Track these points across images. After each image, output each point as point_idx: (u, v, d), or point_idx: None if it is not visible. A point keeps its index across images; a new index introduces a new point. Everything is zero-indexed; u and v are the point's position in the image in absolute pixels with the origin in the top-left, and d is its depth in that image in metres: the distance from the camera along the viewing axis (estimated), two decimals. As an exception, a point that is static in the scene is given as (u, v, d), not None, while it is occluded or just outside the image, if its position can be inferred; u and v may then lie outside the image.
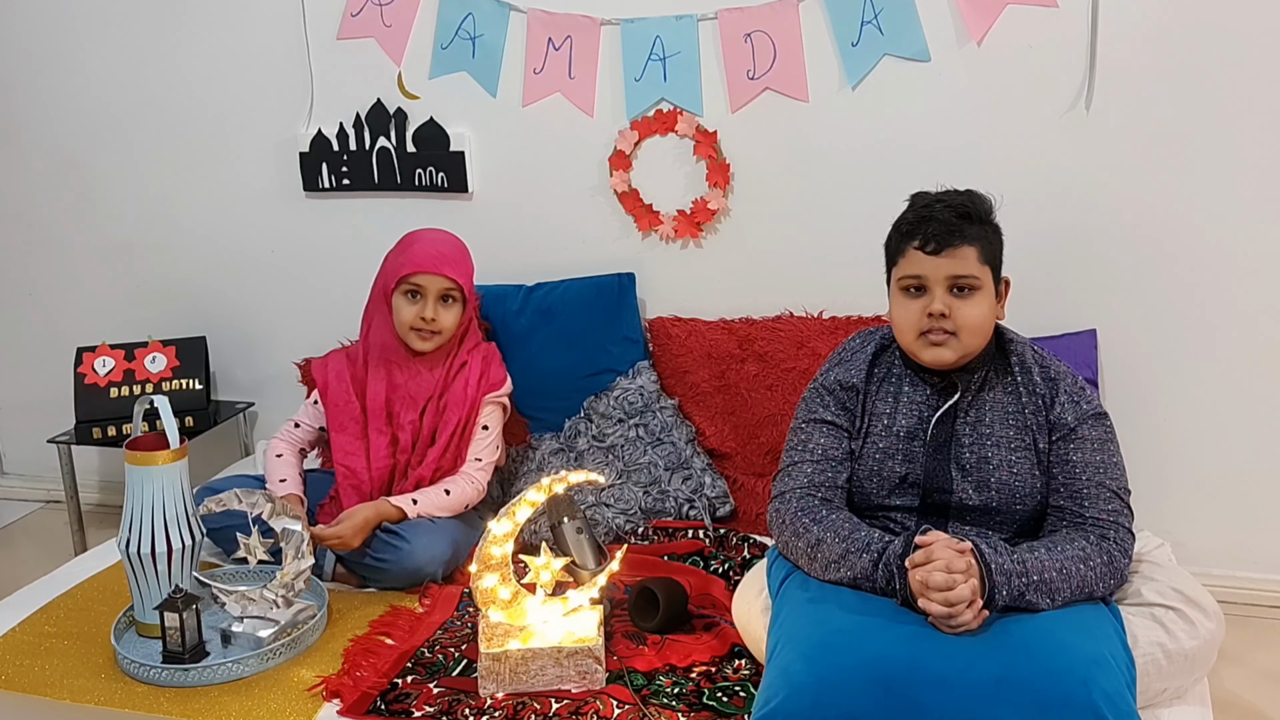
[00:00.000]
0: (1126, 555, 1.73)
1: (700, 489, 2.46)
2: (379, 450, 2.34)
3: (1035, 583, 1.63)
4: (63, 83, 3.10)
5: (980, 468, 1.81)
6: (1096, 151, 2.41)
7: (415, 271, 2.31)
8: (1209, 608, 1.72)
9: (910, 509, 1.86)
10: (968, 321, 1.78)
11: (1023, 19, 2.39)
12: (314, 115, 2.90)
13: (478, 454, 2.36)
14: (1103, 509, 1.74)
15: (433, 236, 2.39)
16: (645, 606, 2.00)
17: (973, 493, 1.81)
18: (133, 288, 3.21)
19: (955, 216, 1.77)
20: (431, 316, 2.31)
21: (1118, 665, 1.55)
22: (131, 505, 1.97)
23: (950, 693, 1.50)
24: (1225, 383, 2.46)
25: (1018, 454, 1.81)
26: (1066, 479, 1.78)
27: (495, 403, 2.42)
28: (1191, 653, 1.68)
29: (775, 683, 1.57)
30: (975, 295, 1.78)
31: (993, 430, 1.82)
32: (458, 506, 2.29)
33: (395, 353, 2.37)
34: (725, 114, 2.62)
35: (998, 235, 1.84)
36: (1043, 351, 1.88)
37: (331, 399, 2.39)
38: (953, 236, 1.77)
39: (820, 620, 1.65)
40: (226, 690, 1.85)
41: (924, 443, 1.84)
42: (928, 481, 1.84)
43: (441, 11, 2.73)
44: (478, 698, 1.81)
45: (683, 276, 2.74)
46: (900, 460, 1.85)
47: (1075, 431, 1.79)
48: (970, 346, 1.80)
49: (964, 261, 1.77)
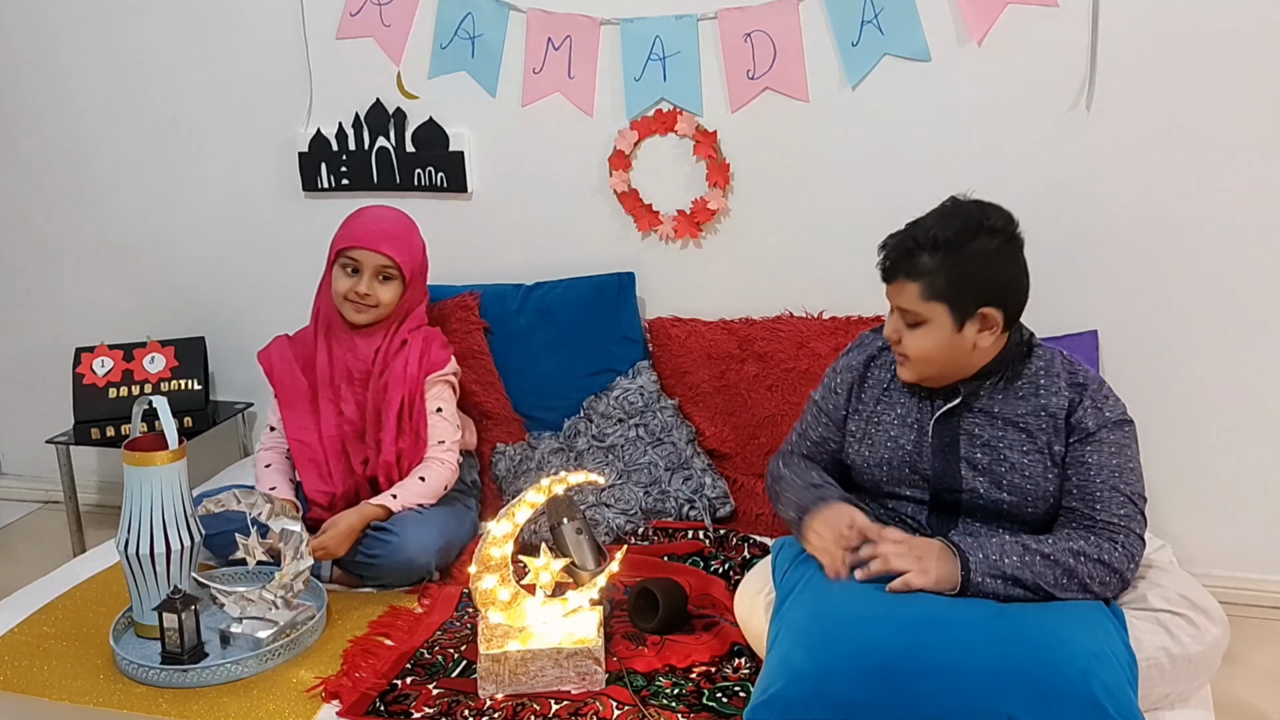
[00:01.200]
0: (1132, 560, 1.72)
1: (700, 489, 2.46)
2: (328, 420, 2.35)
3: (1015, 564, 1.65)
4: (60, 82, 3.10)
5: (992, 469, 1.81)
6: (1097, 152, 2.41)
7: (352, 246, 2.33)
8: (1215, 613, 1.71)
9: (921, 502, 1.87)
10: (914, 351, 1.78)
11: (1024, 19, 2.38)
12: (313, 115, 2.90)
13: (439, 437, 2.36)
14: (1114, 512, 1.73)
15: (377, 213, 2.41)
16: (645, 607, 2.00)
17: (984, 491, 1.81)
18: (131, 288, 3.21)
19: (907, 248, 1.75)
20: (366, 291, 2.32)
21: (1118, 661, 1.55)
22: (130, 506, 1.97)
23: (949, 681, 1.51)
24: (1226, 383, 2.46)
25: (1030, 457, 1.80)
26: (1080, 480, 1.77)
27: (441, 381, 2.40)
28: (1196, 657, 1.67)
29: (774, 670, 1.58)
30: (921, 328, 1.77)
31: (1005, 434, 1.82)
32: (437, 489, 2.30)
33: (335, 325, 2.39)
34: (725, 114, 2.61)
35: (976, 262, 1.72)
36: (1075, 360, 1.87)
37: (278, 378, 2.41)
38: (895, 270, 1.77)
39: (820, 610, 1.66)
40: (225, 691, 1.85)
41: (929, 441, 1.85)
42: (936, 479, 1.85)
43: (441, 11, 2.73)
44: (477, 699, 1.81)
45: (682, 276, 2.74)
46: (910, 450, 1.87)
47: (1094, 435, 1.78)
48: (925, 372, 1.81)
49: (904, 295, 1.77)
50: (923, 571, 1.67)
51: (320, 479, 2.34)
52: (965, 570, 1.66)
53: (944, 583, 1.66)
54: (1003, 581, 1.66)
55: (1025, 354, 1.84)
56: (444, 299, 2.70)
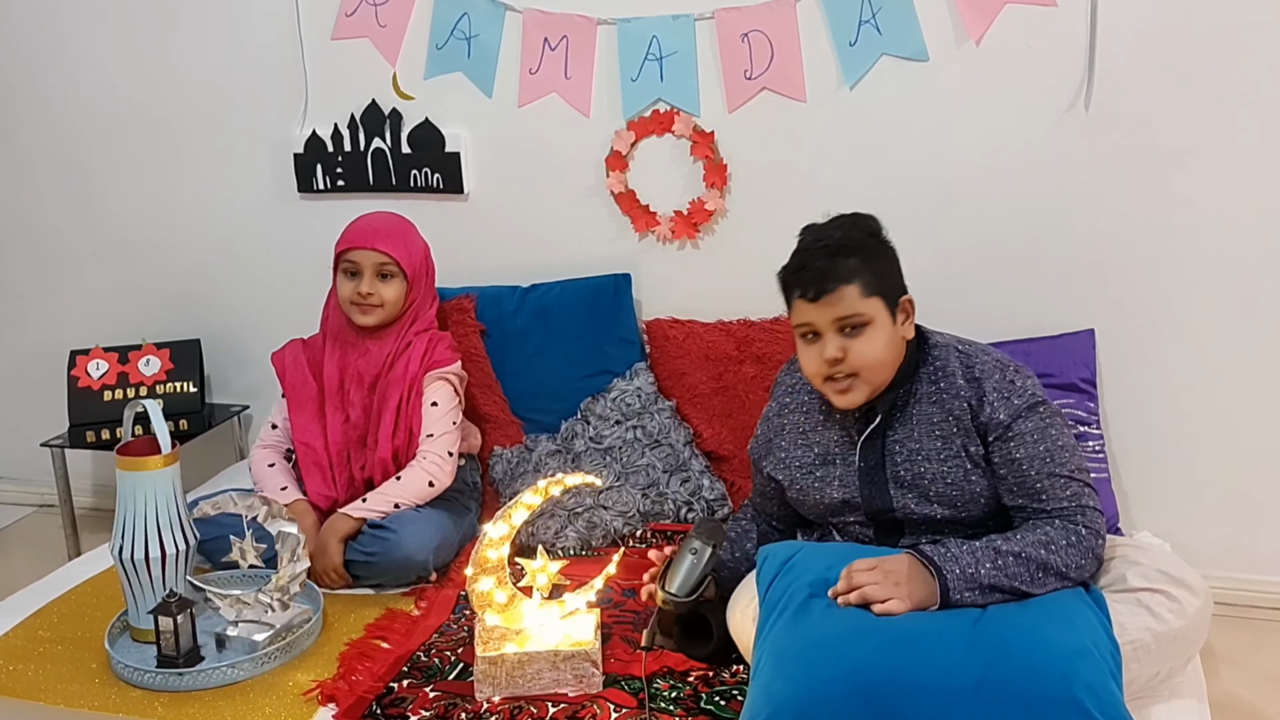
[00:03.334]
0: (1098, 535, 1.71)
1: (699, 491, 2.45)
2: (334, 427, 2.37)
3: (989, 571, 1.64)
4: (55, 83, 3.09)
5: (916, 484, 1.81)
6: (1095, 151, 2.41)
7: (349, 247, 2.36)
8: (1194, 585, 1.70)
9: (864, 524, 1.88)
10: (864, 360, 1.76)
11: (1021, 18, 2.38)
12: (308, 116, 2.89)
13: (429, 430, 2.34)
14: (1060, 497, 1.72)
15: (371, 216, 2.46)
16: (696, 632, 1.90)
17: (914, 508, 1.81)
18: (126, 290, 3.19)
19: (829, 256, 1.75)
20: (367, 291, 2.33)
21: (1100, 654, 1.54)
22: (124, 511, 1.96)
23: (931, 701, 1.50)
24: (1224, 382, 2.45)
25: (949, 464, 1.79)
26: (1016, 479, 1.75)
27: (441, 378, 2.40)
28: (1179, 632, 1.66)
29: (758, 701, 1.57)
30: (866, 330, 1.76)
31: (921, 445, 1.81)
32: (418, 486, 2.27)
33: (346, 331, 2.41)
34: (722, 114, 2.61)
35: (883, 258, 1.80)
36: (969, 350, 1.84)
37: (289, 382, 2.42)
38: (828, 280, 1.75)
39: (800, 632, 1.64)
40: (221, 695, 1.84)
41: (855, 468, 1.85)
42: (868, 504, 1.85)
43: (436, 11, 2.72)
44: (474, 702, 1.80)
45: (680, 278, 2.73)
46: (836, 486, 1.87)
47: (1011, 429, 1.75)
48: (876, 381, 1.79)
49: (845, 302, 1.75)
50: (903, 597, 1.63)
51: (324, 483, 2.35)
52: (944, 588, 1.64)
53: (924, 603, 1.64)
54: (980, 591, 1.64)
55: (921, 353, 1.85)
56: (440, 302, 2.68)
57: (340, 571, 2.18)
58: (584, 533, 2.35)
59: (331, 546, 2.17)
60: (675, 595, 1.81)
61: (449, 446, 2.34)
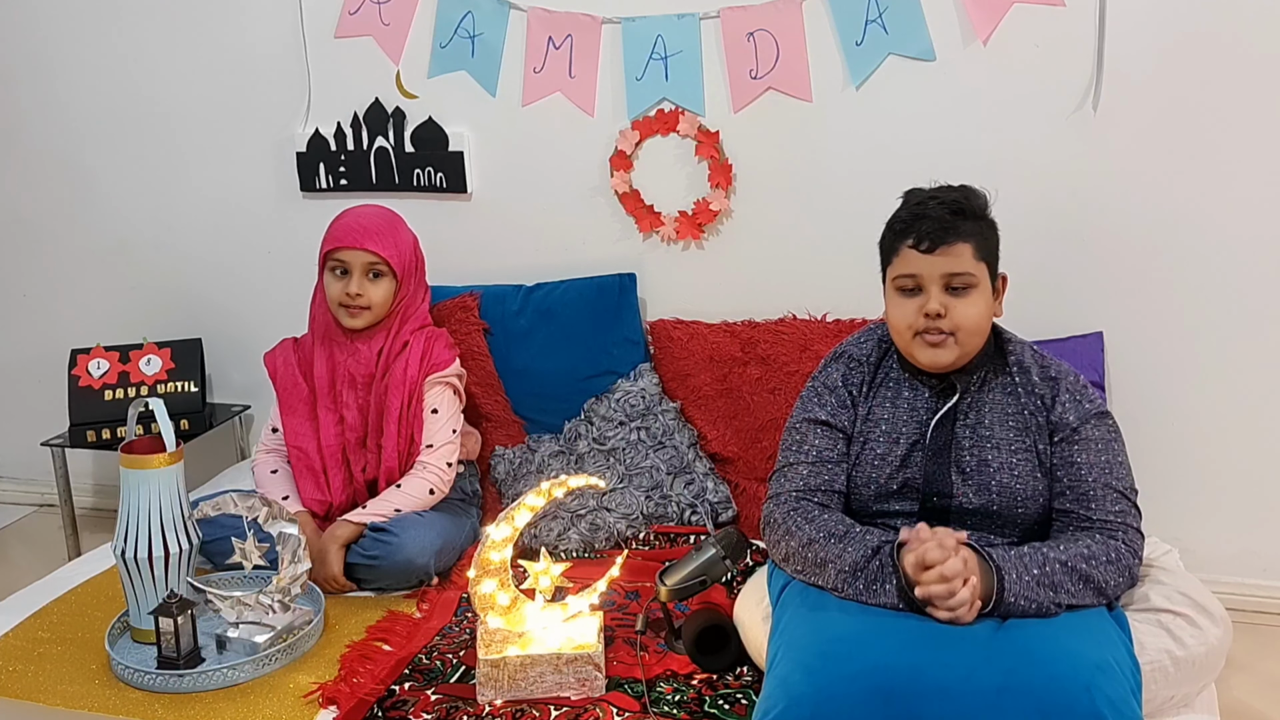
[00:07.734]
0: (1136, 555, 1.71)
1: (703, 494, 2.44)
2: (327, 429, 2.33)
3: (1037, 576, 1.61)
4: (57, 82, 3.08)
5: (980, 471, 1.79)
6: (1103, 152, 2.39)
7: (337, 247, 2.31)
8: (1217, 613, 1.70)
9: (909, 514, 1.84)
10: (965, 320, 1.75)
11: (1029, 18, 2.37)
12: (311, 115, 2.88)
13: (429, 439, 2.32)
14: (1109, 510, 1.72)
15: (359, 211, 2.38)
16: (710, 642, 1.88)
17: (973, 496, 1.79)
18: (127, 289, 3.19)
19: (949, 213, 1.74)
20: (356, 291, 2.29)
21: (1122, 671, 1.52)
22: (126, 510, 1.95)
23: (952, 702, 1.48)
24: (1234, 386, 2.44)
25: (1018, 456, 1.78)
26: (1072, 481, 1.75)
27: (441, 383, 2.37)
28: (1199, 659, 1.66)
29: (774, 694, 1.55)
30: (972, 293, 1.75)
31: (992, 432, 1.80)
32: (418, 494, 2.26)
33: (334, 331, 2.37)
34: (727, 114, 2.59)
35: (993, 231, 1.80)
36: (1043, 352, 1.86)
37: (281, 383, 2.39)
38: (947, 234, 1.74)
39: (820, 628, 1.63)
40: (221, 696, 1.83)
41: (924, 447, 1.82)
42: (927, 486, 1.82)
43: (440, 10, 2.71)
44: (476, 705, 1.79)
45: (684, 278, 2.72)
46: (899, 466, 1.83)
47: (1078, 432, 1.76)
48: (968, 347, 1.77)
49: (959, 259, 1.74)
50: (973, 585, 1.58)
51: (317, 488, 2.32)
52: (1000, 589, 1.59)
53: (982, 598, 1.60)
54: (1029, 596, 1.61)
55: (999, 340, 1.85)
56: (443, 300, 2.68)
57: (340, 579, 2.16)
58: (587, 535, 2.33)
59: (331, 554, 2.16)
60: (665, 585, 1.89)
61: (448, 458, 2.33)
